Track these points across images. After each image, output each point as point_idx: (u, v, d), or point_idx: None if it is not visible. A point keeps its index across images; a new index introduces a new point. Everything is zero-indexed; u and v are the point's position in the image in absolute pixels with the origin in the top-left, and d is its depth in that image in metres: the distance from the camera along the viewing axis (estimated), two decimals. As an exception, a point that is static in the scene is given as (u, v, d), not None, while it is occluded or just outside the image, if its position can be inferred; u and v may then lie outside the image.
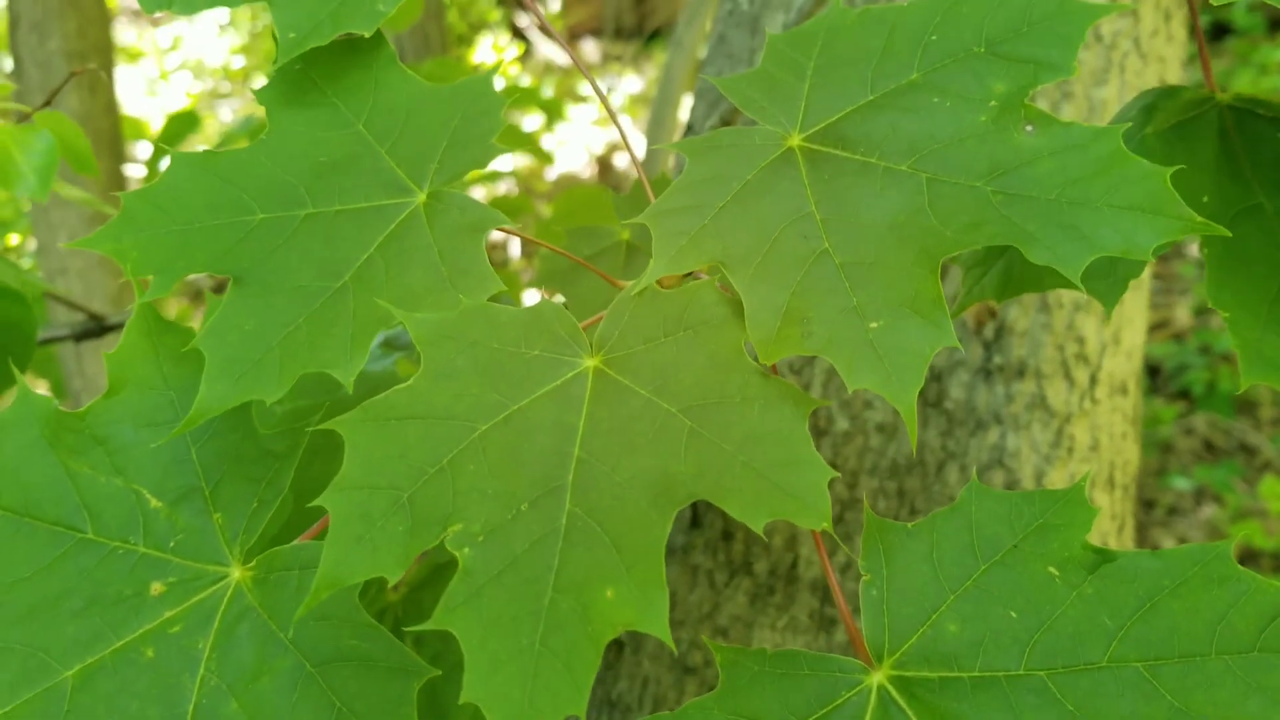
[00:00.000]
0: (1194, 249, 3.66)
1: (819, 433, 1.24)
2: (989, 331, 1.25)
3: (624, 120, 5.78)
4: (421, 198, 0.73)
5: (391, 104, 0.78)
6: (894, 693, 0.58)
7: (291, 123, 0.78)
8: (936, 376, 1.23)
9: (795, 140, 0.68)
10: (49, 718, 0.65)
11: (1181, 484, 3.13)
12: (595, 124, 5.86)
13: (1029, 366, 1.25)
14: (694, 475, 0.58)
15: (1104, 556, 0.58)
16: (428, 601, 0.95)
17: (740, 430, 0.59)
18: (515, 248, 4.31)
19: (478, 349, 0.64)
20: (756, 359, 0.61)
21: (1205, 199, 0.73)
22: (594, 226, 1.05)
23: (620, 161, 5.57)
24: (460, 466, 0.60)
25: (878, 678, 0.59)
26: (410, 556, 0.58)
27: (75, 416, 0.73)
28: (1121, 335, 1.32)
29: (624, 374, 0.63)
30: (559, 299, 1.09)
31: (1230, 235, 0.58)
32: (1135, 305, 1.34)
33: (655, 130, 3.11)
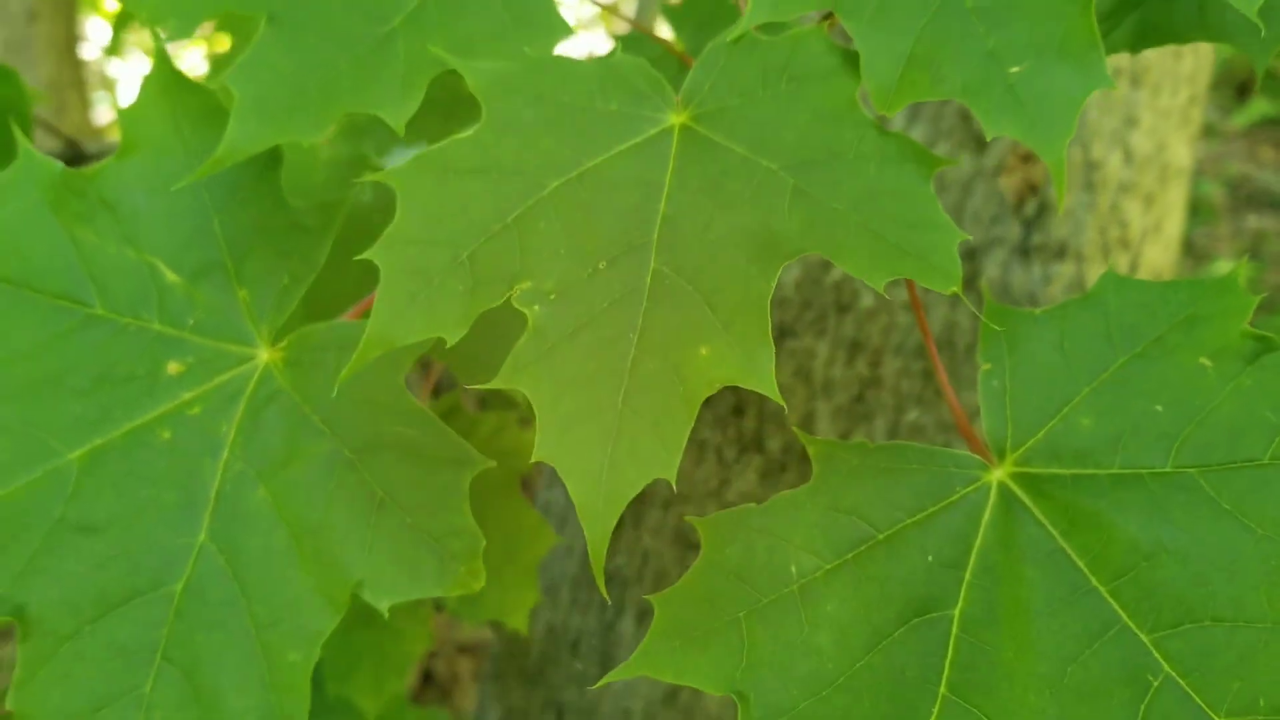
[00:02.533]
0: None
1: (841, 309, 1.16)
2: (1029, 209, 1.17)
3: (599, 31, 5.62)
4: (481, -60, 0.65)
5: None
6: (1017, 490, 0.51)
7: None
8: (970, 254, 1.15)
9: (917, -125, 0.59)
10: (51, 502, 0.59)
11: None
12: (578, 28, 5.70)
13: (1069, 248, 1.17)
14: (801, 232, 0.51)
15: (1266, 345, 0.51)
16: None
17: (854, 188, 0.51)
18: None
19: (546, 102, 0.56)
20: (872, 111, 0.53)
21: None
22: (645, 34, 0.95)
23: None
24: (528, 224, 0.53)
25: (999, 474, 0.52)
26: (470, 316, 0.51)
27: (82, 178, 0.65)
28: (1163, 224, 1.24)
29: (716, 131, 0.55)
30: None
31: None
32: (1177, 194, 1.26)
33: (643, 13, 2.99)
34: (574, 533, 1.27)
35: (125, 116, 0.66)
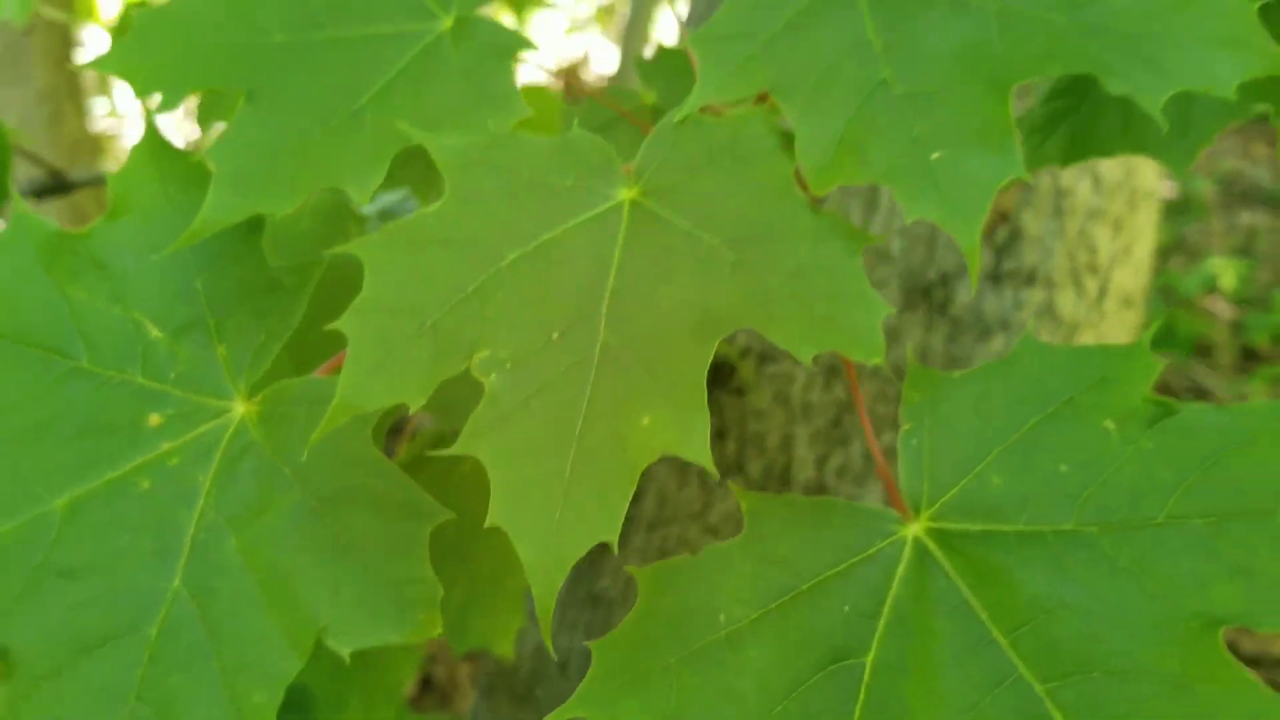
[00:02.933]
0: (1163, 189, 3.63)
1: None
2: (1000, 236, 1.22)
3: (593, 31, 5.64)
4: (447, 22, 0.69)
5: (418, -76, 0.73)
6: (931, 545, 0.55)
7: (310, -60, 0.73)
8: (944, 280, 1.19)
9: (854, -32, 0.63)
10: (35, 546, 0.62)
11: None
12: (565, 34, 5.71)
13: (1039, 274, 1.21)
14: (739, 306, 0.55)
15: (1165, 410, 0.54)
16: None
17: (789, 263, 0.55)
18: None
19: (506, 176, 0.60)
20: (806, 191, 0.57)
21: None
22: (617, 89, 1.00)
23: (587, 75, 5.45)
24: (488, 293, 0.56)
25: (914, 529, 0.56)
26: (433, 383, 0.55)
27: (75, 238, 0.69)
28: (1133, 248, 1.28)
29: (663, 206, 0.59)
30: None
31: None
32: (1146, 218, 1.30)
33: (629, 40, 3.03)
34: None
35: (115, 181, 0.70)
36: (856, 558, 0.55)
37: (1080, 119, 0.71)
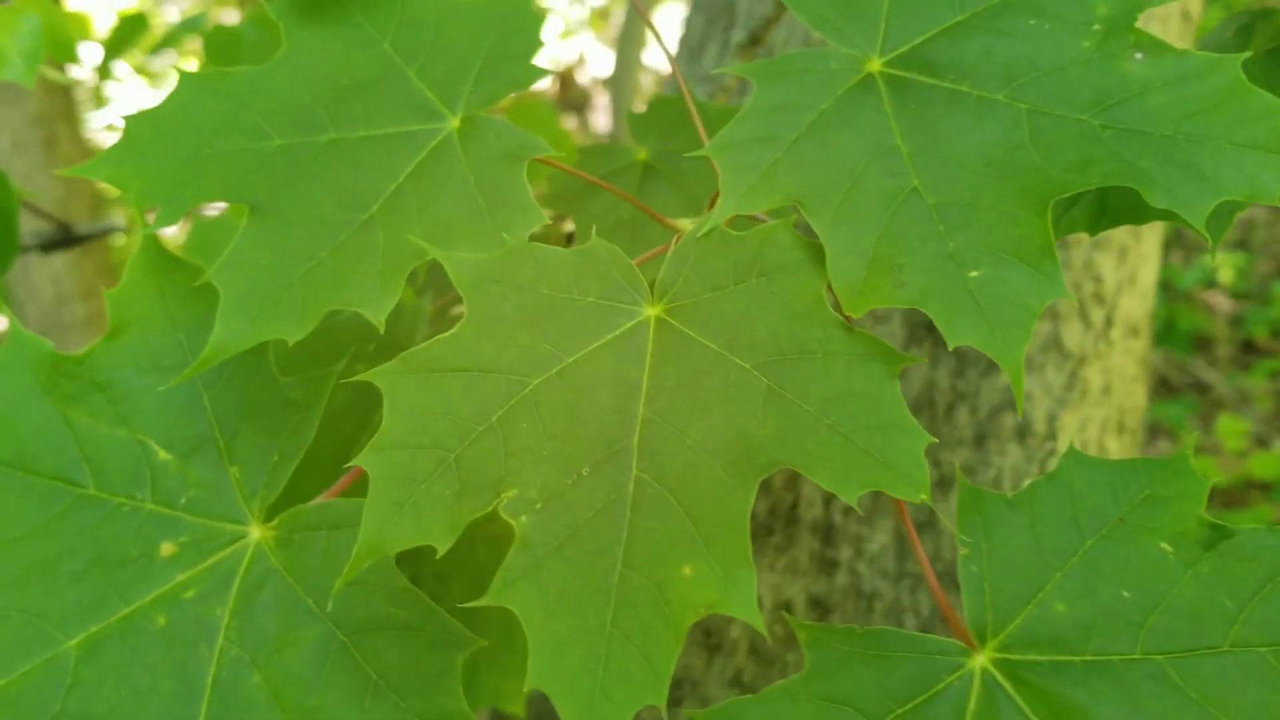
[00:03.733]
0: None
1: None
2: None
3: (587, 35, 5.59)
4: (455, 123, 0.67)
5: (419, 19, 0.71)
6: (999, 677, 0.53)
7: (310, 40, 0.71)
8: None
9: (875, 65, 0.61)
10: (52, 691, 0.60)
11: (1138, 419, 3.11)
12: (560, 38, 5.66)
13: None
14: (774, 440, 0.53)
15: (1221, 533, 0.53)
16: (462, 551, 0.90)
17: (823, 389, 0.54)
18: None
19: (525, 294, 0.58)
20: (839, 309, 0.55)
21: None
22: (607, 145, 0.98)
23: (582, 79, 5.40)
24: (512, 424, 0.54)
25: (981, 660, 0.54)
26: (460, 524, 0.53)
27: (73, 360, 0.66)
28: (1138, 275, 1.27)
29: (690, 325, 0.57)
30: (569, 225, 1.02)
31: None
32: (1151, 243, 1.29)
33: (624, 43, 2.99)
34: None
35: (114, 299, 0.67)
36: (926, 694, 0.53)
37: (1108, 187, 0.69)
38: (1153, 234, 1.29)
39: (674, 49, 1.40)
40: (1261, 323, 3.21)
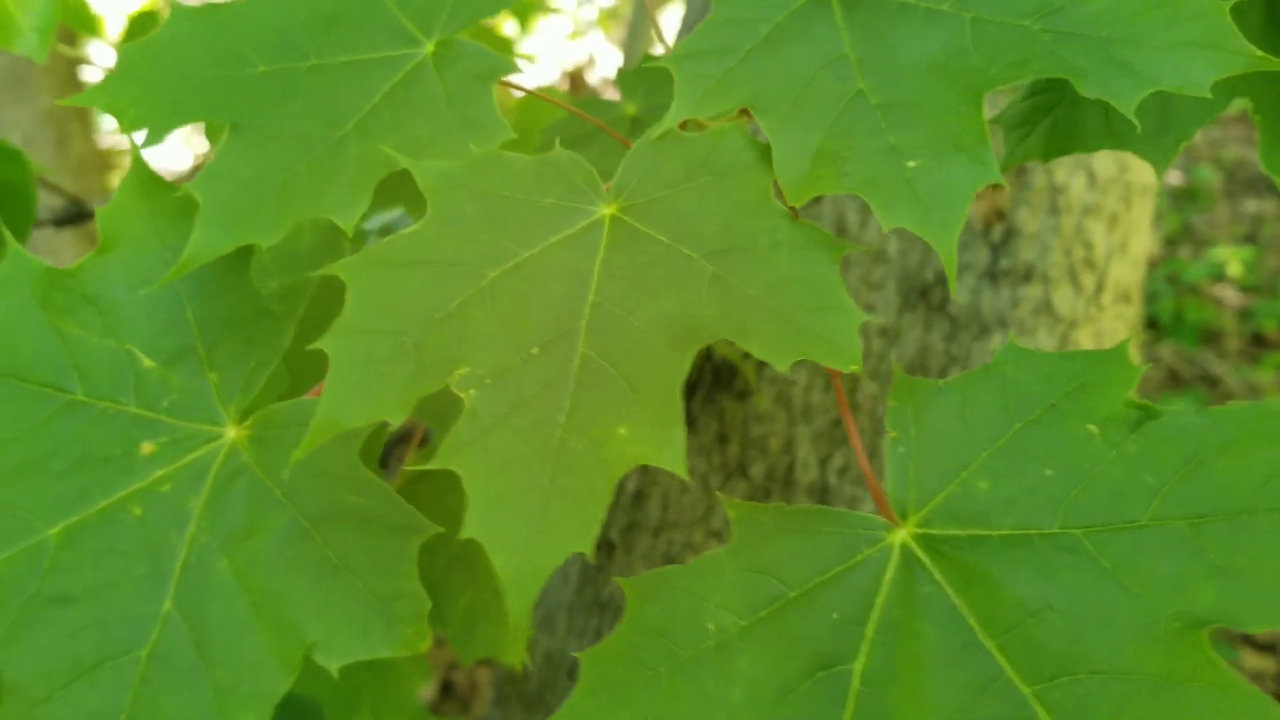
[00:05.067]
0: (1169, 178, 3.62)
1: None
2: (996, 234, 1.22)
3: (596, 35, 5.65)
4: (429, 47, 0.70)
5: (399, -48, 0.74)
6: (918, 550, 0.55)
7: (295, -30, 0.74)
8: (941, 280, 1.20)
9: (828, -17, 0.64)
10: (29, 574, 0.62)
11: (1147, 411, 3.08)
12: (569, 38, 5.72)
13: (1036, 270, 1.22)
14: (717, 318, 0.55)
15: (1148, 413, 0.54)
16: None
17: (768, 275, 0.56)
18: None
19: (488, 197, 0.60)
20: (784, 203, 0.58)
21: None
22: (597, 100, 1.01)
23: (592, 79, 5.45)
24: (468, 312, 0.57)
25: (901, 535, 0.55)
26: (413, 400, 0.55)
27: (66, 274, 0.69)
28: (1129, 242, 1.28)
29: (643, 221, 0.59)
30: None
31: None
32: (1142, 212, 1.31)
33: (632, 42, 3.03)
34: (569, 560, 1.31)
35: (104, 216, 0.70)
36: (844, 565, 0.55)
37: (1061, 114, 0.71)
38: (1143, 203, 1.31)
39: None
40: (1270, 316, 3.20)
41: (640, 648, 0.53)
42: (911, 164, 0.56)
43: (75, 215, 1.36)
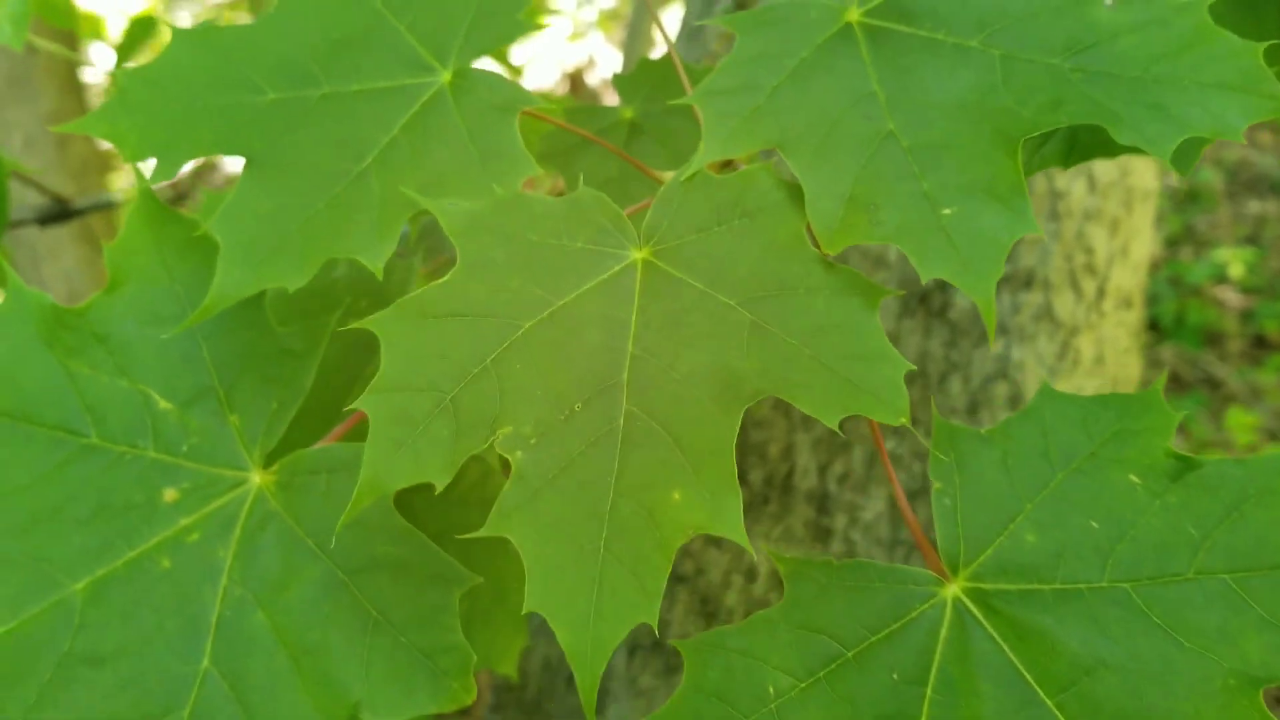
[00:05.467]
0: (1170, 179, 3.64)
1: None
2: None
3: (596, 36, 5.59)
4: (446, 76, 0.68)
5: (408, -26, 0.72)
6: (970, 605, 0.56)
7: (300, -5, 0.72)
8: (942, 286, 1.20)
9: (854, 14, 0.63)
10: (59, 632, 0.62)
11: (1149, 413, 3.11)
12: (570, 39, 5.65)
13: (1037, 276, 1.22)
14: (758, 371, 0.55)
15: (1187, 464, 0.55)
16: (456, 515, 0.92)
17: (805, 322, 0.55)
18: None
19: (515, 241, 0.60)
20: (817, 246, 0.57)
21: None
22: (594, 106, 0.99)
23: (592, 80, 5.39)
24: (506, 365, 0.56)
25: (953, 590, 0.56)
26: (457, 461, 0.54)
27: (73, 313, 0.68)
28: (1130, 248, 1.29)
29: (676, 266, 0.59)
30: (559, 182, 1.03)
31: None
32: (1143, 217, 1.31)
33: (631, 43, 3.00)
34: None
35: (112, 252, 0.69)
36: (899, 622, 0.55)
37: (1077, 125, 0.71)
38: (1144, 207, 1.32)
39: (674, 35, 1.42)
40: (1272, 318, 3.22)
41: (701, 713, 0.54)
42: (947, 211, 0.55)
43: (60, 213, 1.33)
